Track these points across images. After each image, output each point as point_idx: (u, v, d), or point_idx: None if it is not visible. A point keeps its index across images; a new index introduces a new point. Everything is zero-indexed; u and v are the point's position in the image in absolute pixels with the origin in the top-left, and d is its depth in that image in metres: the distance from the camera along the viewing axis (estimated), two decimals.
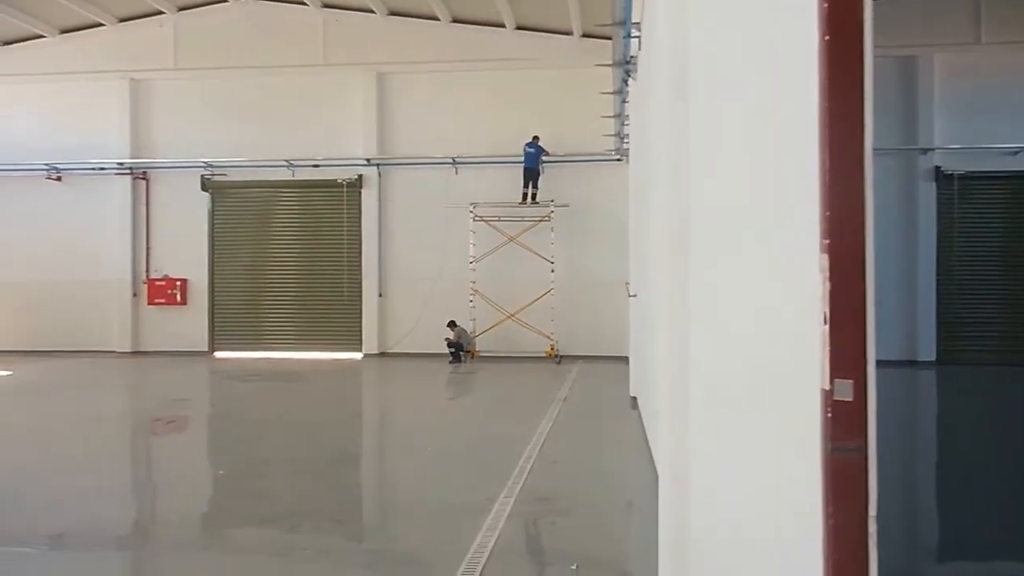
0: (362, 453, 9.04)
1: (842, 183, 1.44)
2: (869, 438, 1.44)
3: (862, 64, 1.44)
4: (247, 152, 18.50)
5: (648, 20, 7.91)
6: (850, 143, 1.44)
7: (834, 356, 1.45)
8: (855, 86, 1.44)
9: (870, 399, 1.45)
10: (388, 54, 18.17)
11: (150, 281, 18.91)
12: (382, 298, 18.39)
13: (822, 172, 1.48)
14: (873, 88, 1.46)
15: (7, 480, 7.14)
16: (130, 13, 18.48)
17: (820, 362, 1.48)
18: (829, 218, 1.46)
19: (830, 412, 1.45)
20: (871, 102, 1.46)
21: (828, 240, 1.46)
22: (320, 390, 13.81)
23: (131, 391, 14.37)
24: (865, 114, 1.44)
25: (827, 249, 1.46)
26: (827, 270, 1.46)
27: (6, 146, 19.04)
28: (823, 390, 1.47)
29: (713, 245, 3.01)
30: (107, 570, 5.11)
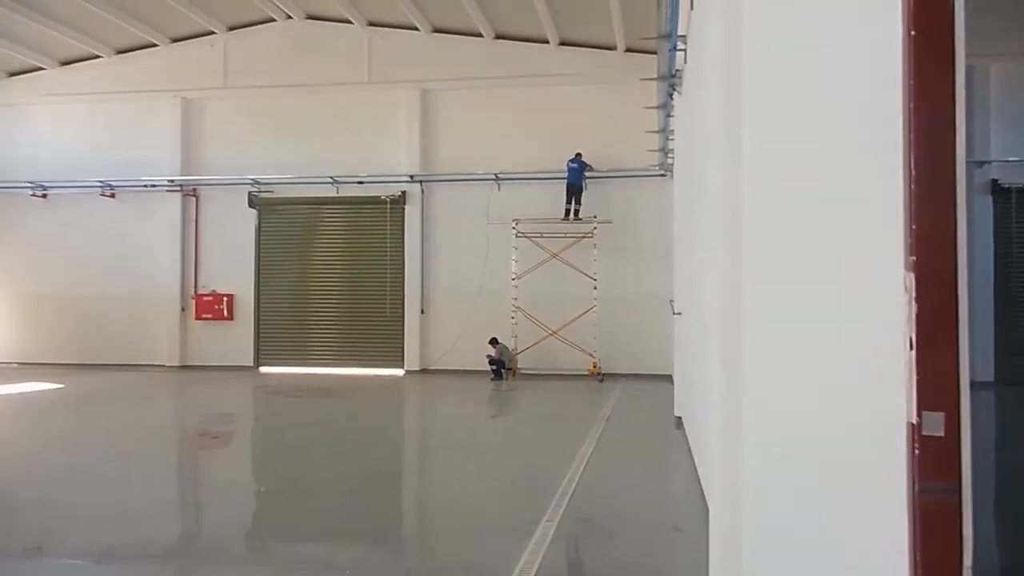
0: (404, 471, 8.96)
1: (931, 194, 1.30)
2: (964, 478, 1.28)
3: (953, 62, 1.29)
4: (293, 169, 18.75)
5: (695, 32, 7.78)
6: (940, 150, 1.29)
7: (922, 386, 1.29)
8: (946, 86, 1.30)
9: (964, 434, 1.29)
10: (432, 71, 18.28)
11: (198, 296, 19.21)
12: (424, 314, 18.40)
13: (907, 182, 1.34)
14: (966, 89, 1.31)
15: (57, 492, 7.21)
16: (182, 34, 18.92)
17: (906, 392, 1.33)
18: (916, 232, 1.31)
19: (918, 448, 1.30)
20: (963, 104, 1.31)
21: (915, 257, 1.31)
22: (362, 407, 13.81)
23: (178, 405, 14.56)
24: (957, 118, 1.30)
25: (913, 267, 1.31)
26: (913, 290, 1.31)
27: (63, 163, 19.60)
28: (910, 424, 1.32)
29: (771, 258, 2.86)
30: None
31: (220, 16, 18.29)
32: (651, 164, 16.55)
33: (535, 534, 5.47)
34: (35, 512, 6.41)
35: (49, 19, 17.11)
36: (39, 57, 19.09)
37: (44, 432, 11.09)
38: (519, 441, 10.37)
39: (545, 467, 8.11)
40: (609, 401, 13.45)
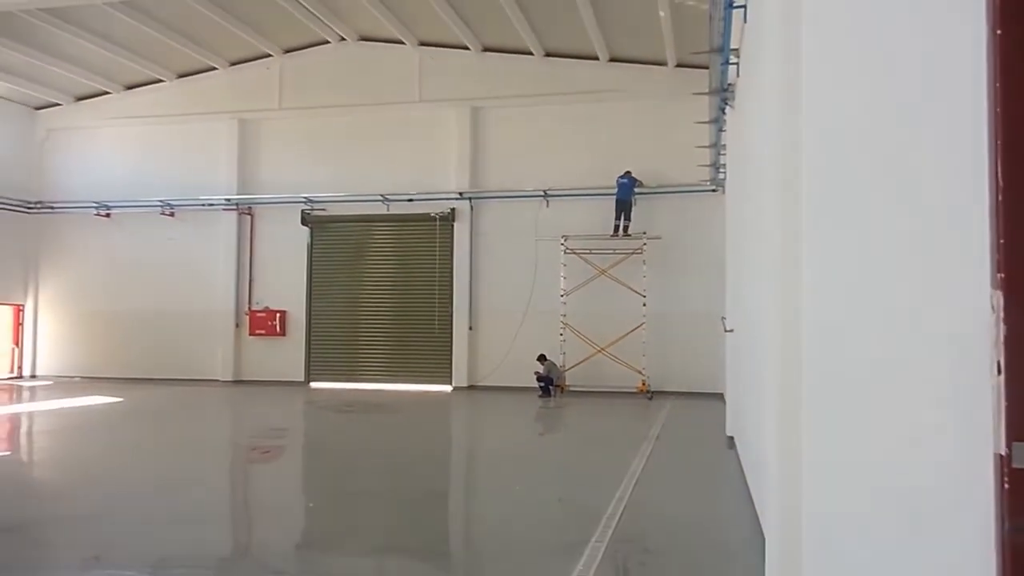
0: (452, 488, 8.92)
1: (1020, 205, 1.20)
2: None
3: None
4: (345, 187, 19.04)
5: (748, 45, 7.65)
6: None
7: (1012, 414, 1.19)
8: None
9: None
10: (482, 89, 18.42)
11: (252, 312, 19.58)
12: (472, 331, 18.42)
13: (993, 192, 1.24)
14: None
15: (114, 503, 7.35)
16: (240, 57, 19.44)
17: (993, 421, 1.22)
18: (1004, 247, 1.21)
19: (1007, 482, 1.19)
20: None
21: (1003, 274, 1.21)
22: (411, 423, 13.84)
23: (231, 419, 14.79)
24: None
25: (1001, 284, 1.21)
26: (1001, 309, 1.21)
27: (126, 184, 20.26)
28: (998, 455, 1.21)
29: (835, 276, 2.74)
30: None
31: (276, 39, 18.75)
32: (702, 179, 16.34)
33: (584, 555, 5.36)
34: (93, 522, 6.54)
35: (115, 45, 17.76)
36: (105, 82, 19.80)
37: (104, 444, 11.37)
38: (567, 459, 10.24)
39: (594, 486, 7.98)
40: (658, 419, 13.23)
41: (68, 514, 6.89)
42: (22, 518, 6.74)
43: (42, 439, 12.09)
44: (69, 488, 8.28)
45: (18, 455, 10.96)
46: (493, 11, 15.89)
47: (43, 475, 9.41)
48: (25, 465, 10.16)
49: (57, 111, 21.00)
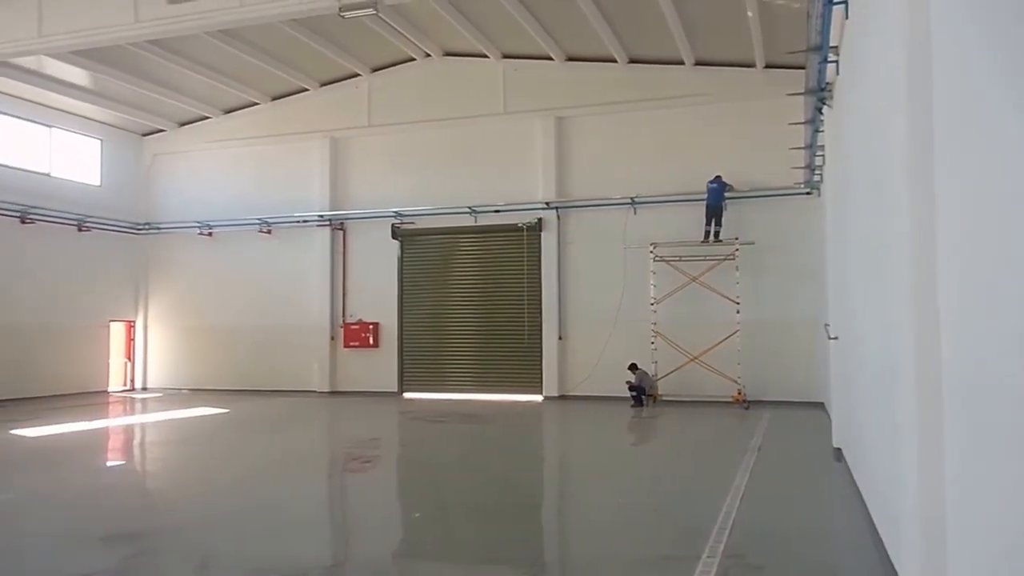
0: (550, 500, 8.89)
1: None
2: None
3: None
4: (433, 200, 19.35)
5: (850, 42, 7.38)
6: None
7: None
8: None
9: None
10: (566, 98, 18.43)
11: (346, 325, 20.09)
12: (562, 340, 18.38)
13: None
14: None
15: (221, 511, 7.64)
16: (330, 77, 20.06)
17: None
18: None
19: None
20: None
21: None
22: (504, 433, 13.88)
23: (329, 430, 15.18)
24: None
25: None
26: None
27: (226, 203, 21.17)
28: None
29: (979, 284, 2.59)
30: None
31: (364, 59, 19.26)
32: (796, 182, 15.85)
33: (696, 572, 5.23)
34: (202, 531, 6.80)
35: (215, 72, 18.60)
36: (205, 107, 20.77)
37: (211, 455, 11.85)
38: (666, 471, 10.06)
39: (697, 500, 7.80)
40: (758, 429, 12.84)
41: (179, 523, 7.19)
42: (141, 528, 7.07)
43: (154, 450, 12.70)
44: (180, 498, 8.65)
45: (132, 465, 11.55)
46: (576, 21, 15.89)
47: (156, 485, 9.87)
48: (139, 475, 10.68)
49: (162, 136, 22.15)
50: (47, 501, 8.17)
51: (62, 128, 20.13)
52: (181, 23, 13.69)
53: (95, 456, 11.90)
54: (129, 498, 8.69)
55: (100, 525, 7.10)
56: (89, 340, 20.68)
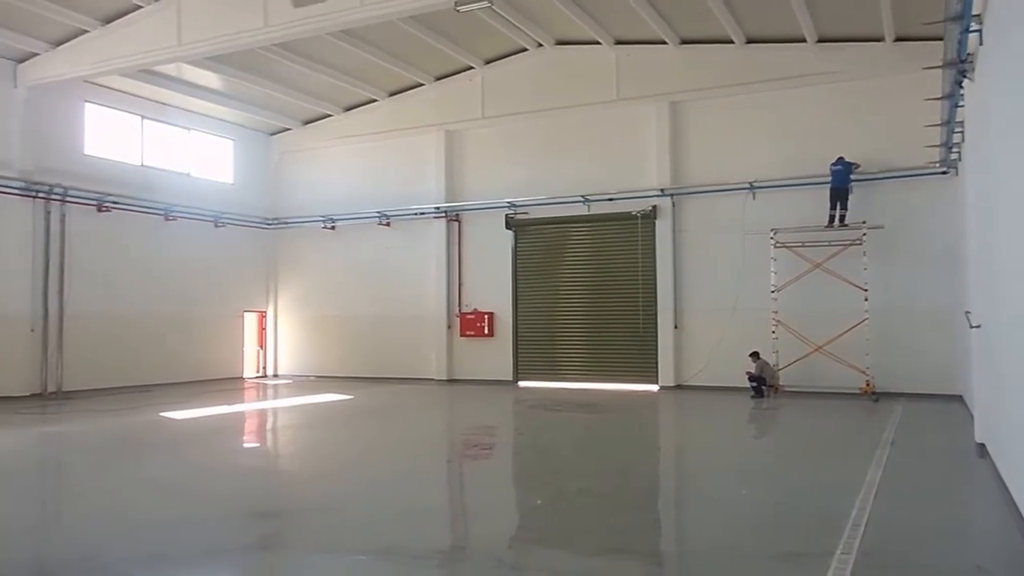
0: (669, 490, 8.80)
1: None
2: None
3: None
4: (546, 190, 19.43)
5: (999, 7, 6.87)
6: None
7: None
8: None
9: None
10: (681, 83, 18.07)
11: (462, 315, 20.52)
12: (678, 330, 18.09)
13: None
14: None
15: (347, 494, 7.99)
16: (445, 71, 20.46)
17: None
18: None
19: None
20: None
21: None
22: (621, 422, 13.82)
23: (448, 417, 15.56)
24: None
25: None
26: None
27: (347, 198, 22.02)
28: None
29: None
30: None
31: (478, 52, 19.52)
32: (930, 161, 14.96)
33: (830, 568, 5.06)
34: (331, 512, 7.14)
35: (336, 71, 19.34)
36: (328, 105, 21.63)
37: (339, 439, 12.41)
38: (791, 463, 9.75)
39: (828, 495, 7.53)
40: (889, 423, 12.23)
41: (312, 503, 7.57)
42: (278, 506, 7.50)
43: (286, 433, 13.41)
44: (312, 479, 9.10)
45: (267, 447, 12.25)
46: (691, 2, 15.52)
47: (290, 466, 10.43)
48: (274, 456, 11.32)
49: (288, 135, 23.23)
50: (195, 479, 8.80)
51: (199, 130, 21.46)
52: (306, 25, 14.31)
53: (234, 438, 12.70)
54: (267, 478, 9.24)
55: (242, 503, 7.58)
56: (225, 329, 22.03)
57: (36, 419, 13.83)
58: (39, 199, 17.34)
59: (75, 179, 18.03)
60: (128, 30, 15.92)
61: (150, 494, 7.98)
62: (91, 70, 16.62)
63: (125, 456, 10.52)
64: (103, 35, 16.15)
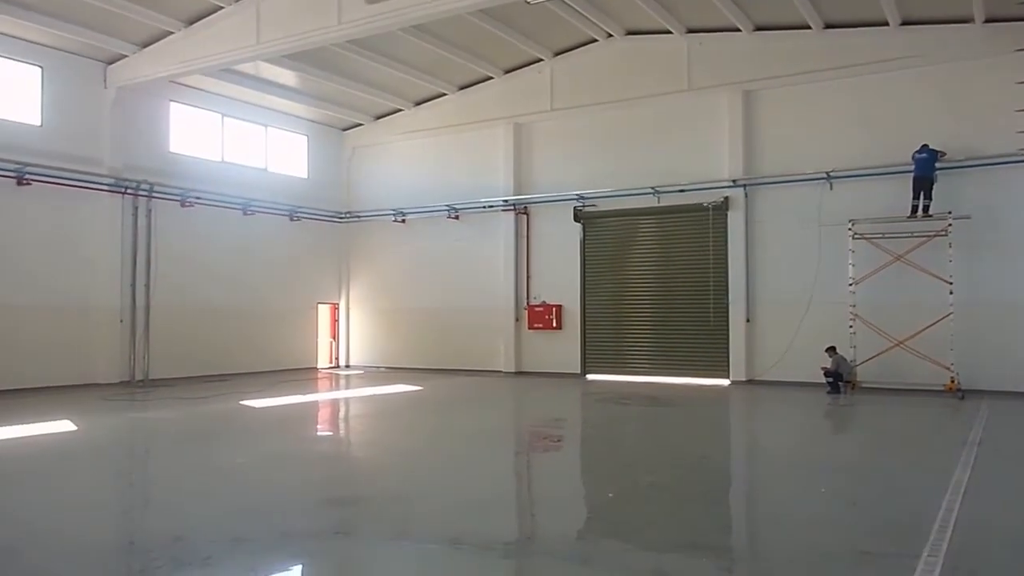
0: (742, 486, 8.64)
1: None
2: None
3: None
4: (615, 182, 19.29)
5: None
6: None
7: None
8: None
9: None
10: (754, 71, 17.67)
11: (530, 307, 20.57)
12: (750, 323, 17.74)
13: None
14: None
15: (418, 482, 8.13)
16: (514, 64, 20.50)
17: None
18: None
19: None
20: None
21: None
22: (692, 416, 13.66)
23: (517, 409, 15.64)
24: None
25: None
26: None
27: (418, 191, 22.33)
28: None
29: None
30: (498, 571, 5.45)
31: (547, 43, 19.49)
32: (1021, 148, 14.28)
33: (916, 572, 4.89)
34: (401, 501, 7.26)
35: (406, 65, 19.61)
36: (398, 100, 21.94)
37: (409, 429, 12.62)
38: (871, 462, 9.44)
39: (910, 494, 7.28)
40: (976, 421, 11.74)
41: (382, 492, 7.72)
42: (350, 494, 7.69)
43: (359, 422, 13.71)
44: (383, 468, 9.28)
45: (340, 435, 12.55)
46: None
47: (362, 455, 10.66)
48: (347, 445, 11.59)
49: (360, 130, 23.66)
50: (274, 465, 9.09)
51: (275, 126, 22.07)
52: (378, 21, 14.54)
53: (309, 426, 13.06)
54: (340, 465, 9.49)
55: (318, 489, 7.80)
56: (300, 321, 22.65)
57: (125, 406, 14.50)
58: (127, 195, 18.14)
59: (161, 175, 18.79)
60: (210, 31, 16.47)
61: (232, 479, 8.28)
62: (175, 70, 17.26)
63: (209, 442, 10.94)
64: (186, 36, 16.76)
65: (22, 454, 9.72)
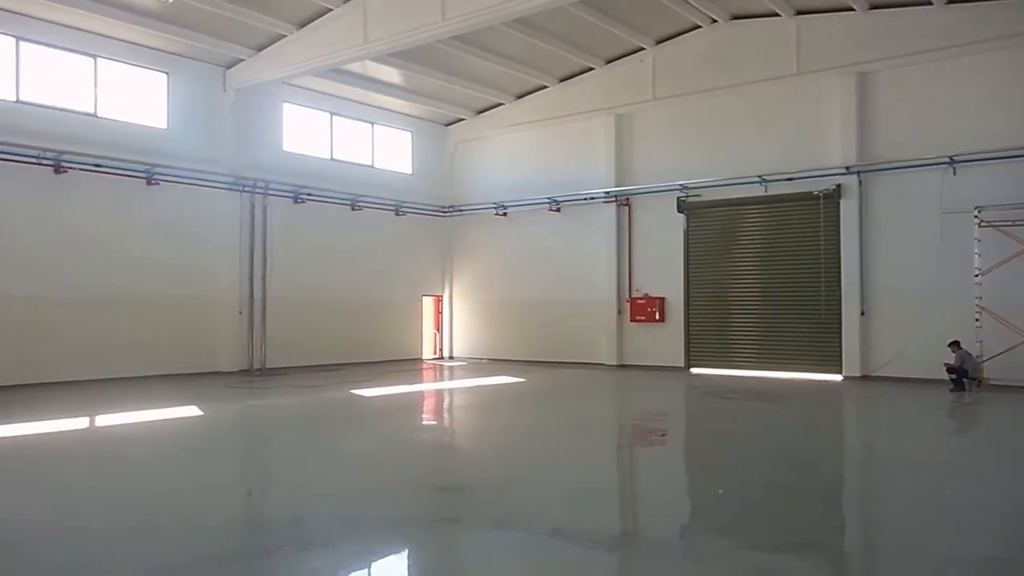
0: (857, 486, 8.29)
1: None
2: None
3: None
4: (720, 171, 18.85)
5: None
6: None
7: None
8: None
9: None
10: (869, 51, 16.86)
11: (632, 300, 20.39)
12: (864, 316, 16.98)
13: None
14: None
15: (519, 475, 8.21)
16: (615, 54, 20.32)
17: None
18: None
19: None
20: None
21: None
22: (802, 413, 13.20)
23: (621, 402, 15.55)
24: None
25: None
26: None
27: (518, 184, 22.50)
28: None
29: None
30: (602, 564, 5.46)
31: (649, 32, 19.22)
32: None
33: None
34: (503, 490, 7.35)
35: (508, 59, 19.77)
36: (499, 94, 22.13)
37: (512, 420, 12.76)
38: (1001, 464, 8.87)
39: None
40: None
41: (485, 481, 7.82)
42: (455, 481, 7.86)
43: (463, 413, 13.97)
44: (487, 458, 9.43)
45: (445, 424, 12.82)
46: None
47: (466, 444, 10.85)
48: (451, 434, 11.83)
49: (462, 125, 24.01)
50: (384, 452, 9.41)
51: (381, 124, 22.69)
52: (481, 16, 14.70)
53: (416, 415, 13.41)
54: (446, 454, 9.72)
55: (425, 476, 8.03)
56: (405, 313, 23.26)
57: (245, 393, 15.31)
58: (244, 192, 19.09)
59: (275, 173, 19.69)
60: (320, 32, 17.10)
61: (345, 464, 8.63)
62: (288, 71, 18.01)
63: (322, 428, 11.42)
64: (299, 38, 17.46)
65: (157, 436, 10.45)
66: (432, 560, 5.62)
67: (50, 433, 10.39)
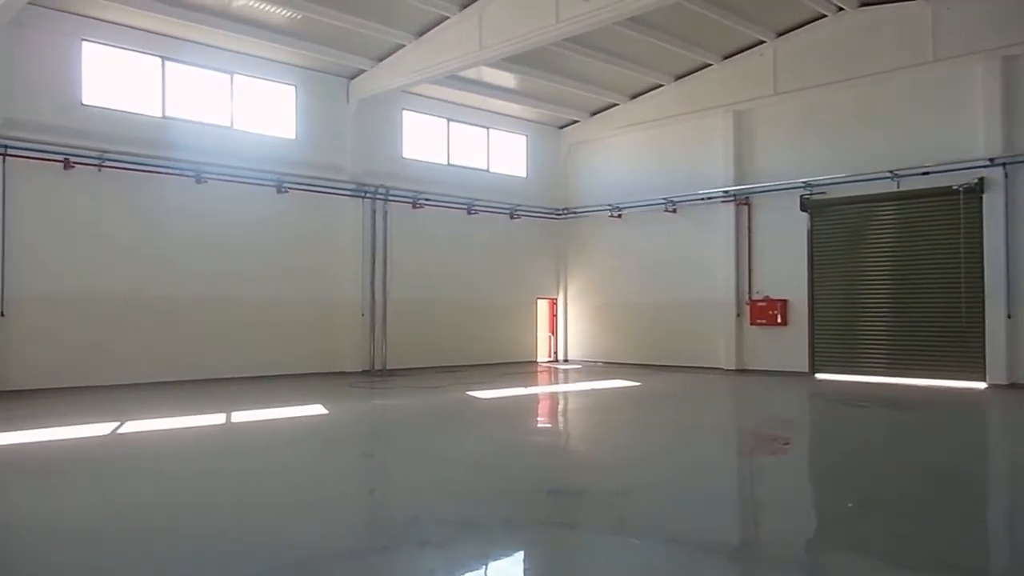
0: (1008, 504, 7.66)
1: None
2: None
3: None
4: (846, 167, 17.95)
5: None
6: None
7: None
8: None
9: None
10: (1016, 33, 15.63)
11: (752, 302, 19.72)
12: (1011, 320, 15.72)
13: None
14: None
15: (640, 481, 8.06)
16: (733, 49, 19.72)
17: None
18: None
19: None
20: None
21: None
22: (940, 423, 12.34)
23: (740, 407, 15.06)
24: None
25: None
26: None
27: (634, 185, 22.28)
28: None
29: None
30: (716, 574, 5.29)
31: (769, 24, 18.55)
32: None
33: None
34: (619, 494, 7.24)
35: (622, 59, 19.57)
36: (614, 95, 21.95)
37: (629, 424, 12.61)
38: None
39: None
40: None
41: (601, 486, 7.73)
42: (570, 485, 7.81)
43: (579, 416, 13.90)
44: (602, 463, 9.32)
45: (560, 428, 12.80)
46: None
47: (581, 448, 10.78)
48: (566, 437, 11.78)
49: (576, 127, 23.97)
50: (500, 453, 9.49)
51: (496, 128, 22.98)
52: (596, 16, 14.60)
53: (532, 417, 13.47)
54: (561, 457, 9.69)
55: (540, 479, 8.02)
56: (521, 316, 23.45)
57: (367, 393, 15.84)
58: (366, 199, 19.79)
59: (395, 180, 20.31)
60: (437, 40, 17.50)
61: (461, 464, 8.76)
62: (407, 80, 18.53)
63: (441, 429, 11.66)
64: (417, 47, 17.93)
65: (285, 433, 10.98)
66: (546, 563, 5.60)
67: (189, 428, 11.13)
